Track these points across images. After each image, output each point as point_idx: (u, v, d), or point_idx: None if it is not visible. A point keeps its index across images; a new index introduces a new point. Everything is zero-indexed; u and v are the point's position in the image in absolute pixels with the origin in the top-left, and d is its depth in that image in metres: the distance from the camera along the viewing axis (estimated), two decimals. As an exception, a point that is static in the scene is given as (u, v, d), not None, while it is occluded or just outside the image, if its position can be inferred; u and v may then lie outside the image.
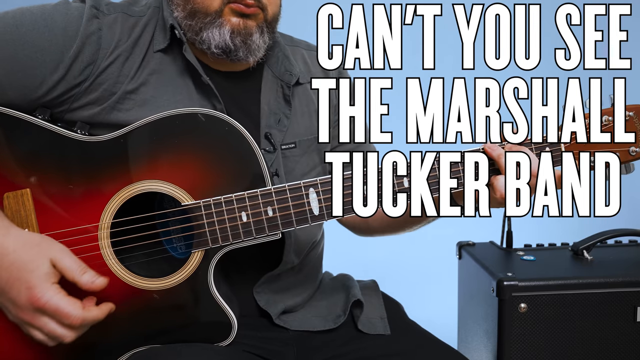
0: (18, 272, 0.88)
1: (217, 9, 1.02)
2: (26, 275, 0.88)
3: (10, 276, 0.88)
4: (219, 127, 0.96)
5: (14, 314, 0.91)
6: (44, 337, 0.91)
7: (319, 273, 1.29)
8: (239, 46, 1.04)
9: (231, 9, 1.02)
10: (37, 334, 0.91)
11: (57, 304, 0.88)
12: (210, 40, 1.03)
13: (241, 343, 1.05)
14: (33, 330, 0.91)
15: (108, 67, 1.01)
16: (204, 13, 1.03)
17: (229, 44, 1.03)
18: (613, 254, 1.59)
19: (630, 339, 1.40)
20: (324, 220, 0.99)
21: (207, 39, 1.03)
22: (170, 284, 0.98)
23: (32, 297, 0.88)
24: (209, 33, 1.03)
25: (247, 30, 1.04)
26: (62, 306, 0.89)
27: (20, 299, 0.88)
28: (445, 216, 1.13)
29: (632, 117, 1.02)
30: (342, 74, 1.28)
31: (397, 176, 0.99)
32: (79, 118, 1.01)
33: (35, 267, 0.89)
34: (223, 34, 1.02)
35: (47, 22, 0.98)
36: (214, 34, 1.03)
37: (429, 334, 1.16)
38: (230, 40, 1.03)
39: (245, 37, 1.04)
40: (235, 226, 0.96)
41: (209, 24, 1.03)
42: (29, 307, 0.88)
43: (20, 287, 0.88)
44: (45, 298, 0.88)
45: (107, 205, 0.96)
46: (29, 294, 0.88)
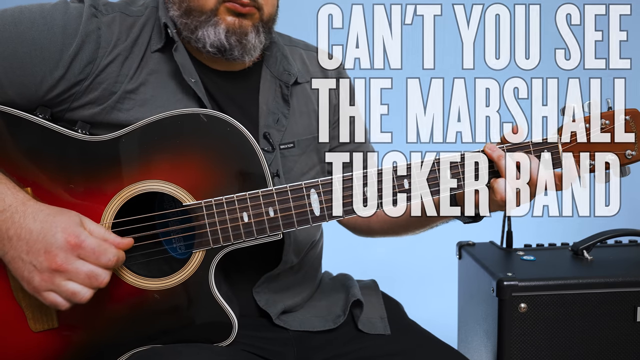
0: (53, 219, 0.89)
1: (212, 7, 1.02)
2: (61, 221, 0.89)
3: (45, 225, 0.88)
4: (220, 127, 0.96)
5: (47, 264, 0.88)
6: (75, 287, 0.89)
7: (318, 272, 1.29)
8: (234, 45, 1.04)
9: (226, 8, 1.02)
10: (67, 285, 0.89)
11: (95, 242, 0.89)
12: (206, 38, 1.03)
13: (241, 343, 1.05)
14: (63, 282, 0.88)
15: (107, 66, 1.01)
16: (199, 11, 1.02)
17: (224, 43, 1.03)
18: (613, 254, 1.59)
19: (630, 339, 1.40)
20: (325, 220, 0.99)
21: (202, 37, 1.03)
22: (171, 284, 0.98)
23: (69, 236, 0.88)
24: (204, 32, 1.03)
25: (243, 30, 1.04)
26: (101, 244, 0.90)
27: (56, 240, 0.88)
28: (445, 216, 1.13)
29: (629, 121, 1.03)
30: (342, 74, 1.28)
31: (398, 177, 0.99)
32: (79, 117, 1.01)
33: (68, 216, 0.90)
34: (218, 33, 1.02)
35: (46, 20, 0.98)
36: (209, 32, 1.02)
37: (429, 334, 1.16)
38: (225, 39, 1.03)
39: (241, 37, 1.04)
40: (237, 226, 0.96)
41: (204, 23, 1.02)
42: (67, 246, 0.88)
43: (56, 229, 0.88)
44: (82, 237, 0.89)
45: (108, 205, 0.96)
46: (66, 234, 0.88)
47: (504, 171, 0.99)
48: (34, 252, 0.88)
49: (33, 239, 0.88)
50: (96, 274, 0.90)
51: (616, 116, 1.03)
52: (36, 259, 0.88)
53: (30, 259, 0.89)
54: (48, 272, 0.88)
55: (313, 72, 1.23)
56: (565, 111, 1.02)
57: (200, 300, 0.99)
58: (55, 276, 0.89)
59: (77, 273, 0.89)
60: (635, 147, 1.04)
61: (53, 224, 0.89)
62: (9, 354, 0.96)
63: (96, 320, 0.97)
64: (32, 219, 0.89)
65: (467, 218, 1.09)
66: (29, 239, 0.88)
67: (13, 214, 0.89)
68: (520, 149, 1.01)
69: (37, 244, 0.88)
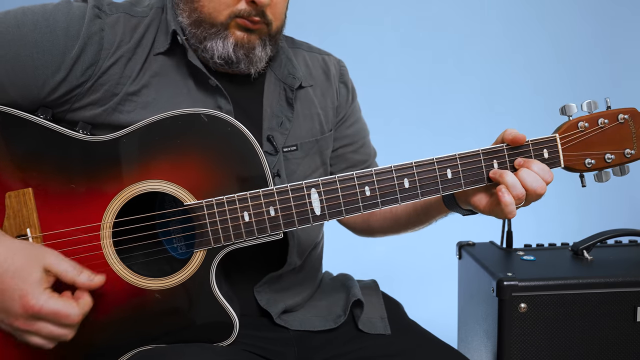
0: (11, 281, 0.88)
1: (223, 21, 1.02)
2: (19, 284, 0.88)
3: (2, 286, 0.88)
4: (221, 127, 0.96)
5: (8, 323, 0.89)
6: (43, 341, 0.91)
7: (319, 272, 1.29)
8: (241, 59, 1.05)
9: (237, 23, 1.03)
10: (35, 339, 0.90)
11: (53, 307, 0.88)
12: (214, 50, 1.03)
13: (242, 343, 1.05)
14: (30, 337, 0.90)
15: (110, 68, 1.01)
16: (209, 24, 1.03)
17: (232, 56, 1.04)
18: (613, 254, 1.59)
19: (630, 339, 1.40)
20: (326, 220, 0.99)
21: (210, 49, 1.04)
22: (172, 284, 0.98)
23: (26, 305, 0.87)
24: (213, 44, 1.03)
25: (251, 45, 1.05)
26: (59, 308, 0.88)
27: (14, 307, 0.88)
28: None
29: (627, 120, 1.03)
30: (344, 77, 1.28)
31: (398, 176, 0.99)
32: (80, 118, 1.01)
33: (27, 275, 0.88)
34: (227, 46, 1.03)
35: (49, 22, 0.98)
36: (217, 45, 1.03)
37: (429, 334, 1.17)
38: (234, 52, 1.04)
39: (248, 51, 1.05)
40: (238, 226, 0.97)
41: (214, 35, 1.03)
42: (24, 314, 0.88)
43: (13, 295, 0.87)
44: (40, 303, 0.87)
45: (109, 204, 0.96)
46: (23, 301, 0.87)
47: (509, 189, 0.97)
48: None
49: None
50: (56, 336, 0.90)
51: (615, 115, 1.03)
52: (1, 315, 0.89)
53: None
54: (13, 328, 0.90)
55: (316, 75, 1.23)
56: (565, 110, 1.02)
57: (202, 299, 0.99)
58: (19, 333, 0.90)
59: (39, 333, 0.90)
60: (634, 146, 1.04)
61: (11, 288, 0.88)
62: (8, 354, 0.96)
63: (97, 320, 0.97)
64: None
65: (466, 210, 1.09)
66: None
67: None
68: (519, 148, 1.01)
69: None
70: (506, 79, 2.89)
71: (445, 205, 1.11)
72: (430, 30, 2.89)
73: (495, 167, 1.00)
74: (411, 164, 0.99)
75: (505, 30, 2.91)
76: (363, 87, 1.47)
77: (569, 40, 2.89)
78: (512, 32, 2.91)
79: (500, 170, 0.99)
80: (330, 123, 1.23)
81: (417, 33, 2.89)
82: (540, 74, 2.89)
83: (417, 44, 2.89)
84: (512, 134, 0.99)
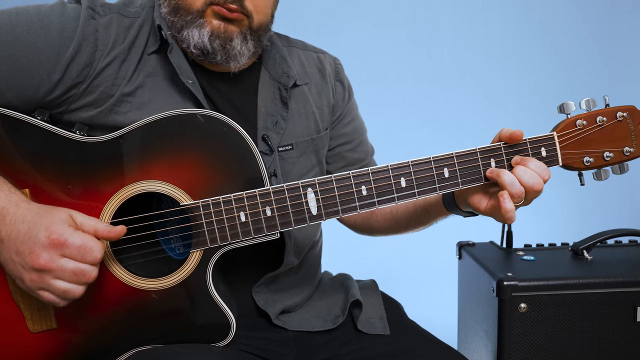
0: (36, 217, 0.89)
1: (199, 8, 1.01)
2: (45, 219, 0.89)
3: (30, 225, 0.88)
4: (217, 127, 0.96)
5: (31, 264, 0.88)
6: (64, 283, 0.89)
7: (317, 272, 1.29)
8: (217, 50, 1.03)
9: (213, 11, 1.01)
10: (55, 282, 0.89)
11: (78, 240, 0.88)
12: (190, 39, 1.02)
13: (240, 343, 1.05)
14: (50, 279, 0.89)
15: (105, 69, 1.01)
16: (186, 10, 1.02)
17: (207, 46, 1.02)
18: (613, 254, 1.59)
19: (630, 339, 1.40)
20: (322, 219, 0.99)
21: (186, 38, 1.02)
22: (169, 284, 0.98)
23: (52, 236, 0.87)
24: (189, 32, 1.02)
25: (227, 35, 1.03)
26: (85, 240, 0.89)
27: (39, 240, 0.87)
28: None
29: (626, 118, 1.03)
30: (340, 75, 1.28)
31: (394, 175, 0.98)
32: (77, 120, 1.01)
33: (53, 213, 0.90)
34: (202, 35, 1.01)
35: (43, 23, 0.98)
36: (193, 33, 1.02)
37: (429, 334, 1.16)
38: (209, 42, 1.02)
39: (225, 42, 1.03)
40: (234, 226, 0.96)
41: (190, 23, 1.02)
42: (49, 246, 0.87)
43: (39, 228, 0.88)
44: (65, 235, 0.88)
45: (106, 205, 0.96)
46: (49, 232, 0.88)
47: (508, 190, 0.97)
48: (21, 252, 0.88)
49: (20, 240, 0.88)
50: (83, 271, 0.89)
51: (613, 113, 1.02)
52: (23, 260, 0.88)
53: (19, 260, 0.89)
54: (35, 272, 0.88)
55: (311, 73, 1.22)
56: (563, 108, 1.02)
57: (198, 300, 0.99)
58: (43, 275, 0.89)
59: (63, 271, 0.89)
60: (633, 143, 1.03)
61: (38, 223, 0.89)
62: (7, 354, 0.96)
63: (95, 321, 0.97)
64: (21, 221, 0.89)
65: (467, 212, 1.09)
66: (17, 240, 0.89)
67: (5, 216, 0.89)
68: (517, 146, 1.00)
69: (23, 245, 0.88)
70: (505, 78, 2.90)
71: (445, 207, 1.11)
72: (430, 30, 2.89)
73: (493, 165, 1.00)
74: (408, 163, 0.99)
75: (504, 30, 2.91)
76: (362, 87, 1.47)
77: (567, 39, 2.89)
78: (511, 32, 2.91)
79: (497, 169, 0.99)
80: (325, 122, 1.23)
81: (417, 33, 2.89)
82: (539, 73, 2.89)
83: (417, 43, 2.89)
84: (509, 131, 0.99)
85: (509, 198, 0.96)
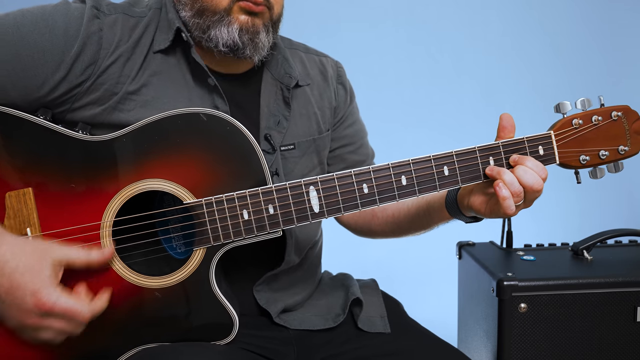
0: (21, 278, 0.88)
1: (225, 6, 1.03)
2: (30, 281, 0.88)
3: (13, 283, 0.88)
4: (220, 126, 0.97)
5: (18, 320, 0.90)
6: (52, 335, 0.92)
7: (318, 271, 1.30)
8: (246, 44, 1.05)
9: (240, 7, 1.03)
10: (45, 334, 0.91)
11: (65, 305, 0.89)
12: (219, 38, 1.04)
13: (241, 342, 1.05)
14: (40, 332, 0.91)
15: (109, 67, 1.02)
16: (212, 11, 1.03)
17: (237, 42, 1.04)
18: (613, 254, 1.59)
19: (630, 339, 1.40)
20: (324, 217, 0.99)
21: (214, 37, 1.04)
22: (172, 282, 0.98)
23: (39, 302, 0.88)
24: (217, 31, 1.03)
25: (255, 29, 1.05)
26: (71, 305, 0.90)
27: (26, 305, 0.88)
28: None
29: (621, 117, 1.04)
30: (342, 78, 1.29)
31: (395, 174, 0.99)
32: (80, 118, 1.02)
33: (38, 272, 0.89)
34: (232, 32, 1.03)
35: (48, 22, 0.99)
36: (222, 32, 1.03)
37: (429, 333, 1.17)
38: (239, 37, 1.04)
39: (253, 35, 1.05)
40: (237, 224, 0.97)
41: (217, 22, 1.03)
42: (37, 311, 0.89)
43: (24, 292, 0.88)
44: (52, 300, 0.88)
45: (109, 204, 0.97)
46: (35, 299, 0.88)
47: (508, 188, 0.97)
48: (7, 306, 0.90)
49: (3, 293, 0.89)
50: (70, 331, 0.92)
51: (608, 112, 1.04)
52: (9, 311, 0.90)
53: (3, 308, 0.90)
54: (22, 325, 0.91)
55: (313, 75, 1.23)
56: (559, 108, 1.03)
57: (201, 298, 0.99)
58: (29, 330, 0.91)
59: (50, 328, 0.91)
60: (628, 142, 1.05)
61: (21, 284, 0.88)
62: (7, 354, 0.97)
63: (98, 319, 0.97)
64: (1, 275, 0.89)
65: (469, 218, 1.09)
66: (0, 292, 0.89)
67: None
68: (515, 145, 1.01)
69: (8, 300, 0.89)
70: (504, 77, 2.90)
71: (448, 211, 1.11)
72: (429, 30, 2.89)
73: (491, 163, 1.01)
74: (408, 161, 0.99)
75: (504, 28, 2.91)
76: (362, 88, 1.47)
77: (566, 38, 2.89)
78: (510, 31, 2.91)
79: (497, 168, 0.99)
80: (327, 123, 1.24)
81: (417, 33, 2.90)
82: (538, 71, 2.90)
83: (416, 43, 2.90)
84: (500, 123, 1.01)
85: (505, 187, 0.96)
